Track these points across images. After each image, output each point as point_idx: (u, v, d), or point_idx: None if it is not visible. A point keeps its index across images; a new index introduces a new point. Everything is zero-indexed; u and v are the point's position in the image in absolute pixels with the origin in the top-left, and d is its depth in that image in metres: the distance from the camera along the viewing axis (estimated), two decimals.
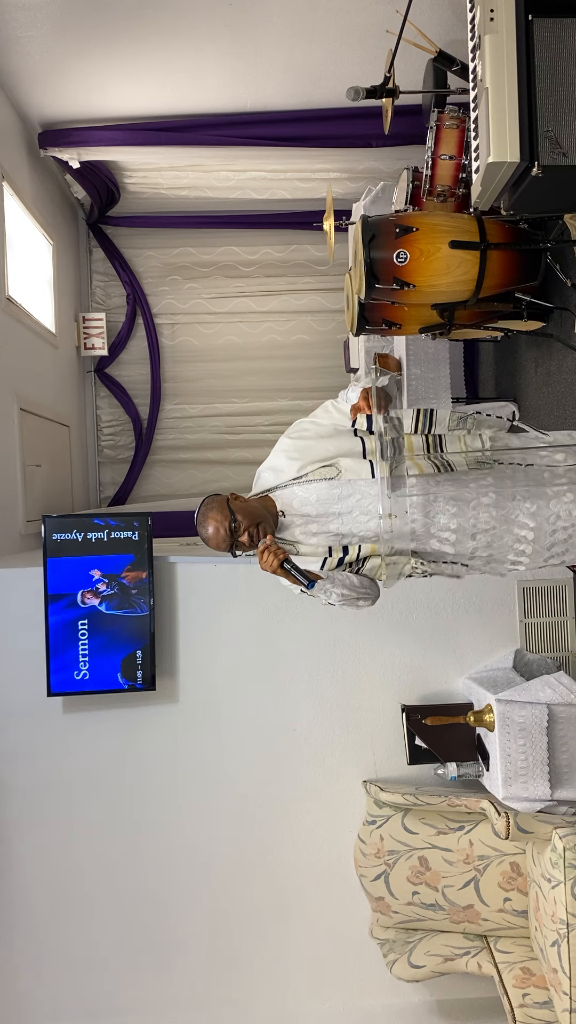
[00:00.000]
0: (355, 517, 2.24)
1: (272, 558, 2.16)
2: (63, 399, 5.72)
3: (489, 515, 2.26)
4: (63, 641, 3.50)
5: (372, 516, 2.24)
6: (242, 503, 2.23)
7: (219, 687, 3.66)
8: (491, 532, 2.28)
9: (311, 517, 2.25)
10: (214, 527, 2.19)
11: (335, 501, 2.24)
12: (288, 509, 2.27)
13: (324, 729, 3.68)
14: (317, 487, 2.24)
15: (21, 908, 3.66)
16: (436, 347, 4.68)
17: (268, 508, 2.27)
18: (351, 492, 2.24)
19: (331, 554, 2.28)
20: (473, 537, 2.28)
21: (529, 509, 2.27)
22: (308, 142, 5.09)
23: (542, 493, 2.28)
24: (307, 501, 2.25)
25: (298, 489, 2.25)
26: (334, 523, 2.25)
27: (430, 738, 3.43)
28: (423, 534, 2.27)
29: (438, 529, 2.26)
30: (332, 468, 2.24)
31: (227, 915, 3.69)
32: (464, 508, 2.26)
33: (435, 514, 2.25)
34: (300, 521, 2.26)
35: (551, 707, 3.07)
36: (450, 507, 2.25)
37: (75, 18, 4.12)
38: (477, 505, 2.26)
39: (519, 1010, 2.92)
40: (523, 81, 2.60)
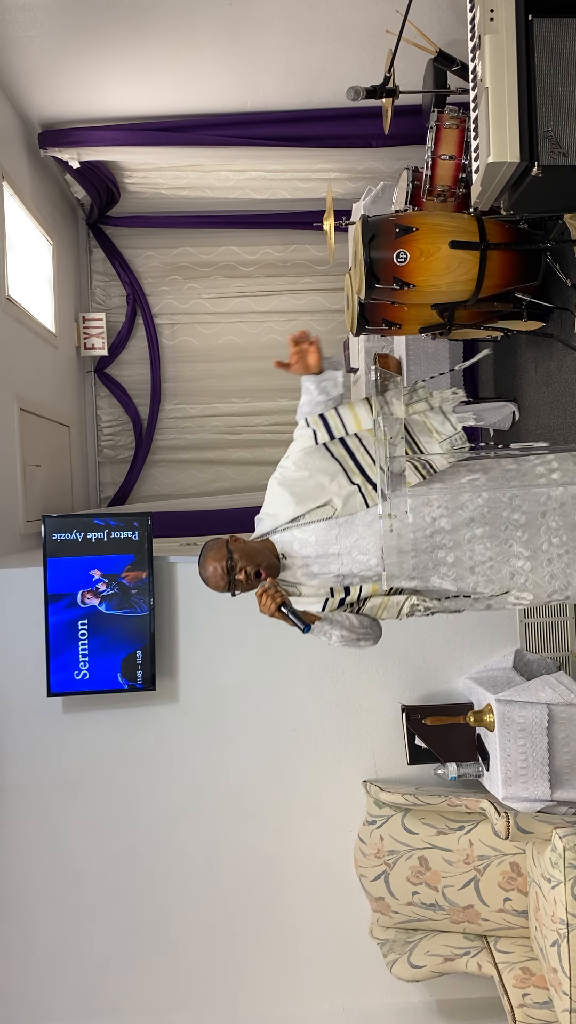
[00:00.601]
0: (354, 557, 2.26)
1: (270, 601, 2.19)
2: (63, 399, 5.72)
3: (484, 547, 2.27)
4: (63, 641, 3.50)
5: (371, 555, 2.25)
6: (241, 544, 2.27)
7: (219, 687, 3.66)
8: (488, 565, 2.28)
9: (311, 558, 2.28)
10: (212, 567, 2.24)
11: (333, 541, 2.26)
12: (288, 552, 2.30)
13: (324, 729, 3.68)
14: (315, 528, 2.27)
15: (20, 908, 3.66)
16: (436, 347, 4.68)
17: (268, 547, 2.30)
18: (349, 532, 2.26)
19: (332, 595, 2.30)
20: (472, 571, 2.29)
21: (522, 538, 2.27)
22: (308, 142, 5.08)
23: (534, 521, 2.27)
24: (306, 543, 2.27)
25: (297, 532, 2.28)
26: (334, 564, 2.27)
27: (430, 738, 3.43)
28: (423, 569, 2.28)
29: (437, 564, 2.27)
30: (328, 508, 2.26)
31: (226, 915, 3.69)
32: (460, 542, 2.27)
33: (434, 548, 2.26)
34: (300, 563, 2.29)
35: (551, 707, 3.07)
36: (446, 541, 2.26)
37: (75, 18, 4.12)
38: (472, 538, 2.27)
39: (519, 1010, 2.92)
40: (523, 81, 2.60)
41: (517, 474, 2.33)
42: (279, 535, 2.31)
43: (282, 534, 2.30)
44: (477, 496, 2.27)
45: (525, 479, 2.32)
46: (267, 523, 2.34)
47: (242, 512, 5.39)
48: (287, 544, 2.30)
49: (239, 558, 2.22)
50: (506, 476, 2.33)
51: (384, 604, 2.32)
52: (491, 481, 2.31)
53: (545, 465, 2.36)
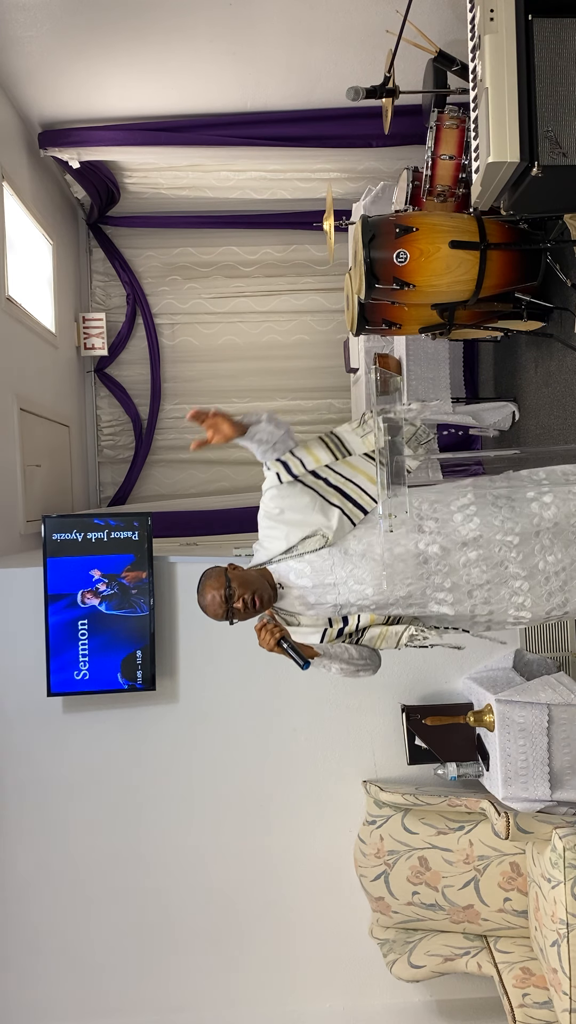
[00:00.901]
0: (350, 587, 2.27)
1: (268, 636, 2.21)
2: (63, 399, 5.72)
3: (480, 570, 2.27)
4: (63, 641, 3.50)
5: (367, 584, 2.26)
6: (239, 573, 2.25)
7: (219, 687, 3.66)
8: (486, 587, 2.29)
9: (307, 589, 2.28)
10: (210, 595, 2.23)
11: (328, 571, 2.27)
12: (285, 582, 2.30)
13: (324, 729, 3.68)
14: (310, 558, 2.27)
15: (20, 908, 3.66)
16: (436, 347, 4.69)
17: (265, 576, 2.30)
18: (344, 562, 2.26)
19: (331, 625, 2.32)
20: (470, 595, 2.29)
21: (517, 558, 2.27)
22: (308, 142, 5.08)
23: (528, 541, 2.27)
24: (302, 573, 2.28)
25: (292, 563, 2.29)
26: (330, 594, 2.28)
27: (430, 738, 3.43)
28: (420, 596, 2.28)
29: (434, 590, 2.27)
30: (319, 538, 2.26)
31: (226, 915, 3.69)
32: (455, 567, 2.27)
33: (429, 575, 2.27)
34: (297, 593, 2.29)
35: (551, 707, 3.07)
36: (442, 567, 2.27)
37: (75, 18, 4.12)
38: (467, 562, 2.27)
39: (519, 1010, 2.92)
40: (523, 81, 2.60)
41: (507, 501, 2.32)
42: (275, 565, 2.31)
43: (278, 564, 2.30)
44: (469, 521, 2.28)
45: (516, 505, 2.31)
46: (262, 554, 2.34)
47: (242, 512, 5.39)
48: (283, 574, 2.30)
49: (237, 587, 2.21)
50: (497, 503, 2.32)
51: (383, 634, 2.34)
52: (481, 506, 2.31)
53: (536, 488, 2.34)
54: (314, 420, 6.47)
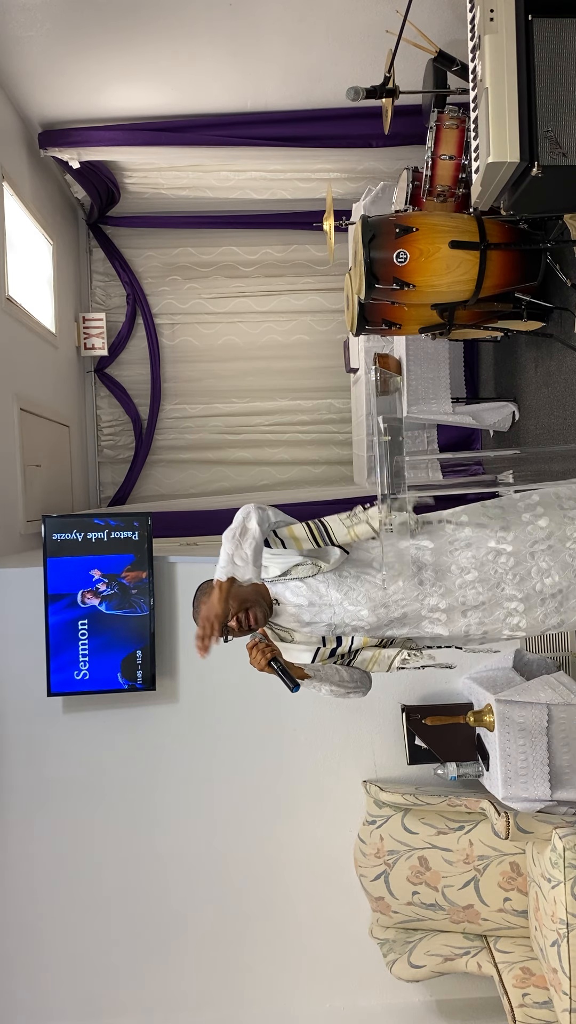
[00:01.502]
0: (345, 607, 2.27)
1: (260, 656, 2.20)
2: (63, 399, 5.72)
3: (476, 591, 2.27)
4: (63, 641, 3.50)
5: (362, 605, 2.26)
6: (236, 589, 2.20)
7: (219, 687, 3.66)
8: (481, 608, 2.29)
9: (303, 607, 2.28)
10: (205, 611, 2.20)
11: (324, 592, 2.27)
12: (281, 599, 2.30)
13: (324, 729, 3.68)
14: (302, 581, 2.27)
15: (21, 908, 3.66)
16: (436, 347, 4.68)
17: (261, 590, 2.28)
18: (339, 584, 2.27)
19: (324, 644, 2.32)
20: (464, 615, 2.29)
21: (513, 580, 2.28)
22: (308, 142, 5.08)
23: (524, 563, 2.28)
24: (298, 592, 2.28)
25: (290, 582, 2.29)
26: (325, 613, 2.28)
27: (430, 738, 3.43)
28: (415, 617, 2.29)
29: (428, 610, 2.28)
30: (311, 566, 2.25)
31: (227, 915, 3.69)
32: (451, 588, 2.27)
33: (424, 596, 2.27)
34: (292, 610, 2.29)
35: (551, 707, 3.07)
36: (437, 588, 2.27)
37: (75, 18, 4.11)
38: (463, 584, 2.27)
39: (519, 1010, 2.92)
40: (523, 81, 2.60)
41: (501, 519, 2.32)
42: (270, 584, 2.30)
43: (273, 585, 2.30)
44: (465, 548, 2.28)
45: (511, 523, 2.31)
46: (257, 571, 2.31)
47: None
48: (279, 592, 2.30)
49: (233, 604, 2.19)
50: (492, 524, 2.32)
51: (375, 657, 2.34)
52: (477, 528, 2.32)
53: (531, 512, 2.35)
54: (314, 420, 6.48)
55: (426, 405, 4.68)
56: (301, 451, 6.51)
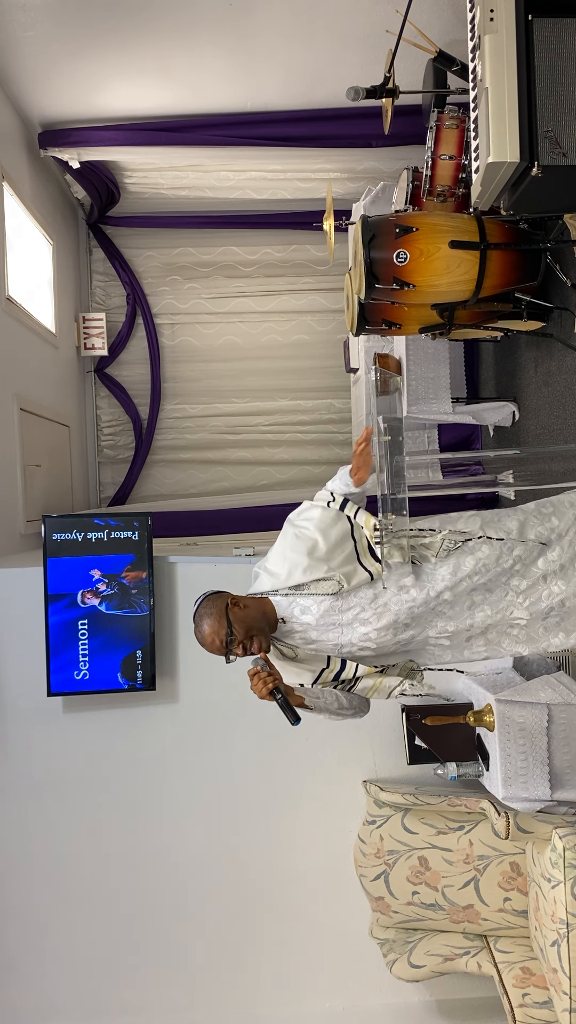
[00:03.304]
0: (355, 628, 2.24)
1: (262, 685, 2.14)
2: (63, 399, 5.72)
3: (485, 614, 2.28)
4: (63, 641, 3.50)
5: (371, 626, 2.23)
6: (240, 612, 2.18)
7: (219, 687, 3.66)
8: (488, 634, 2.30)
9: (311, 626, 2.24)
10: (210, 635, 2.17)
11: (335, 612, 2.23)
12: (288, 616, 2.24)
13: (324, 729, 3.66)
14: (319, 599, 2.22)
15: (21, 908, 3.66)
16: (436, 347, 4.68)
17: (267, 612, 2.23)
18: (352, 604, 2.23)
19: (328, 664, 2.27)
20: (469, 641, 2.31)
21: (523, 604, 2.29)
22: (308, 142, 5.08)
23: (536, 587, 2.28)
24: (307, 610, 2.23)
25: (299, 599, 2.23)
26: (333, 633, 2.24)
27: (430, 738, 3.43)
28: (422, 642, 2.29)
29: (437, 633, 2.28)
30: (333, 583, 2.20)
31: (226, 915, 3.69)
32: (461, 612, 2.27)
33: (433, 617, 2.27)
34: (300, 629, 2.25)
35: (551, 707, 3.07)
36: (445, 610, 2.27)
37: (75, 18, 4.11)
38: (472, 605, 2.27)
39: (519, 1010, 2.92)
40: (523, 81, 2.60)
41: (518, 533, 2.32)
42: (280, 598, 2.24)
43: (283, 598, 2.24)
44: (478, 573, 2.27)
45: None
46: (267, 582, 2.26)
47: (242, 512, 5.39)
48: (287, 608, 2.24)
49: (238, 631, 2.15)
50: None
51: (376, 686, 2.32)
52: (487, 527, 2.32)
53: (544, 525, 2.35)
54: (314, 420, 6.48)
55: (426, 405, 4.68)
56: (301, 451, 6.51)
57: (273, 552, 2.30)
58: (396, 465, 2.23)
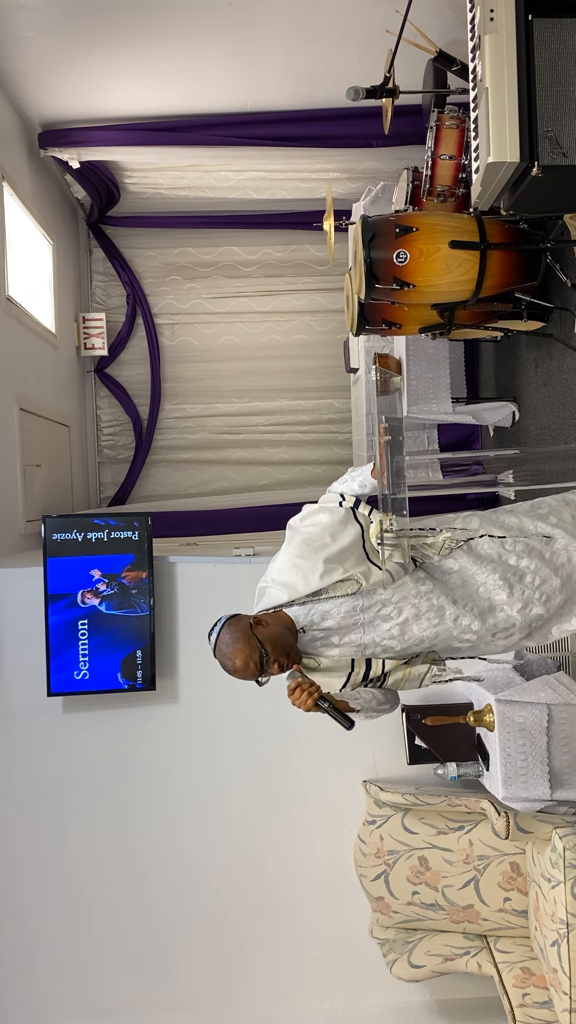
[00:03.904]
0: (377, 626, 2.20)
1: (307, 697, 2.05)
2: (63, 399, 5.72)
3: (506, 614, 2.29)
4: (63, 641, 3.50)
5: (393, 622, 2.20)
6: (266, 631, 2.10)
7: (219, 687, 3.66)
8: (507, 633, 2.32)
9: (332, 630, 2.19)
10: (243, 661, 2.07)
11: (357, 612, 2.18)
12: (308, 625, 2.17)
13: (324, 729, 3.67)
14: (339, 602, 2.17)
15: (20, 908, 3.66)
16: (436, 347, 4.68)
17: (287, 624, 2.16)
18: (373, 602, 2.19)
19: (354, 667, 2.22)
20: (493, 636, 2.30)
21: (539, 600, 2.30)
22: (308, 142, 5.08)
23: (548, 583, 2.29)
24: (328, 615, 2.16)
25: (318, 605, 2.17)
26: (355, 633, 2.19)
27: (430, 738, 3.43)
28: (446, 637, 2.27)
29: (461, 631, 2.26)
30: (352, 583, 2.17)
31: (226, 915, 3.69)
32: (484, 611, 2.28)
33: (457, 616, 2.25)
34: (321, 635, 2.19)
35: (551, 707, 3.07)
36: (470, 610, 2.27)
37: (75, 18, 4.11)
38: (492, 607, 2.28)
39: (519, 1010, 2.92)
40: (523, 81, 2.60)
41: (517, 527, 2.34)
42: (297, 608, 2.17)
43: (301, 608, 2.17)
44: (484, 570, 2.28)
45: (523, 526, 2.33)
46: (281, 595, 2.18)
47: (242, 512, 5.39)
48: (305, 617, 2.17)
49: (271, 650, 2.07)
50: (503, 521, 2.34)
51: (406, 676, 2.28)
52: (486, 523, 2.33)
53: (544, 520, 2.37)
54: (314, 420, 6.48)
55: (426, 405, 4.69)
56: (301, 451, 6.51)
57: (279, 563, 2.24)
58: (396, 465, 2.23)
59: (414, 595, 2.21)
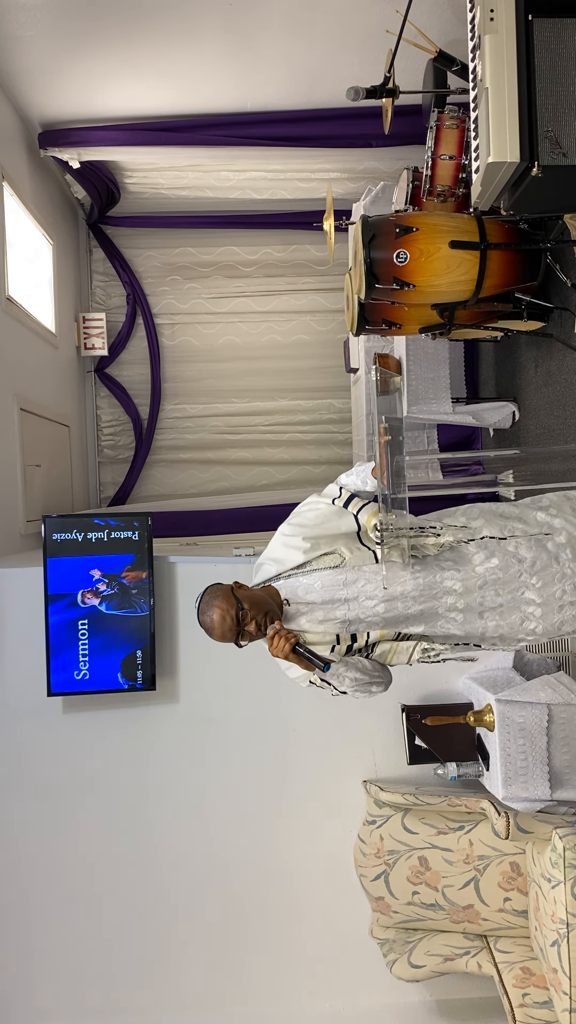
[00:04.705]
0: (361, 603, 2.22)
1: (284, 643, 2.11)
2: (63, 399, 5.72)
3: (495, 592, 2.26)
4: (63, 641, 3.50)
5: (378, 600, 2.22)
6: (247, 592, 2.19)
7: (219, 687, 3.66)
8: (499, 611, 2.28)
9: (316, 605, 2.22)
10: (220, 615, 2.14)
11: (340, 587, 2.21)
12: (293, 598, 2.22)
13: (324, 729, 3.67)
14: (322, 575, 2.21)
15: (19, 908, 3.66)
16: (436, 347, 4.68)
17: (271, 594, 2.23)
18: (356, 578, 2.22)
19: (339, 642, 2.25)
20: (481, 616, 2.28)
21: (536, 584, 2.27)
22: (308, 142, 5.08)
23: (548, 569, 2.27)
24: (312, 589, 2.21)
25: (302, 578, 2.22)
26: (340, 609, 2.23)
27: (430, 738, 3.43)
28: (431, 616, 2.26)
29: (446, 609, 2.26)
30: (335, 556, 2.22)
31: (226, 914, 3.69)
32: (471, 588, 2.26)
33: (442, 594, 2.25)
34: (306, 609, 2.23)
35: (551, 707, 3.07)
36: (456, 585, 2.26)
37: (75, 18, 4.11)
38: (483, 584, 2.26)
39: (519, 1010, 2.92)
40: (523, 81, 2.60)
41: (518, 519, 2.33)
42: (284, 581, 2.25)
43: (287, 580, 2.24)
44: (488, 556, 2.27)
45: (526, 524, 2.33)
46: (271, 568, 2.27)
47: (242, 512, 5.39)
48: (291, 590, 2.23)
49: (249, 607, 2.14)
50: (506, 523, 2.33)
51: (393, 650, 2.30)
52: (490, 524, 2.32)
53: (544, 512, 2.35)
54: (314, 420, 6.48)
55: (426, 405, 4.69)
56: (301, 451, 6.51)
57: (274, 542, 2.32)
58: (396, 465, 2.23)
59: (401, 573, 2.23)
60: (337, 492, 2.35)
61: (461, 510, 2.39)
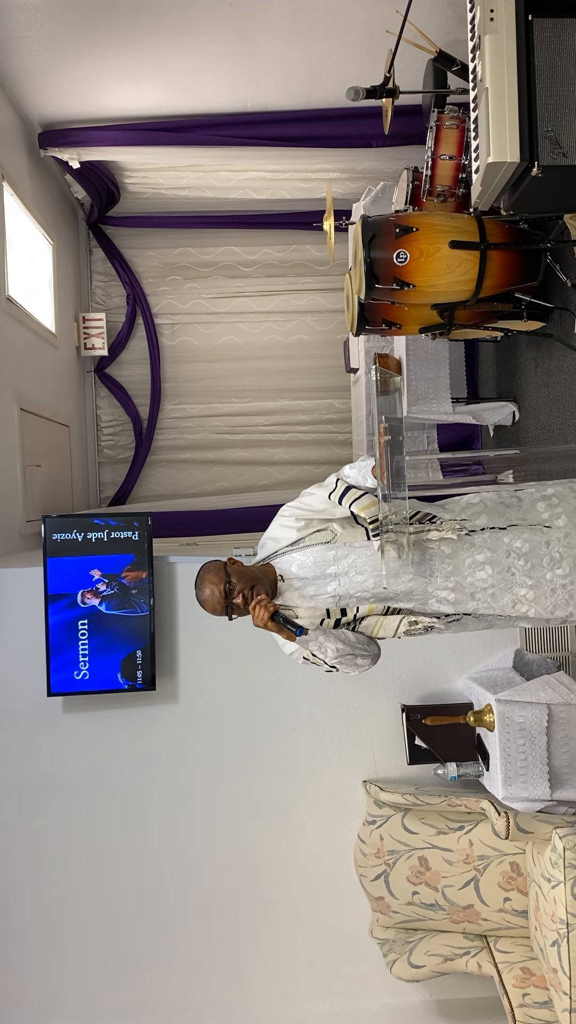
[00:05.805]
0: (351, 577, 2.29)
1: (262, 611, 2.21)
2: (63, 399, 5.72)
3: (486, 573, 2.28)
4: (63, 641, 3.50)
5: (368, 575, 2.28)
6: (239, 567, 2.28)
7: (219, 687, 3.66)
8: (490, 591, 2.29)
9: (308, 580, 2.30)
10: (210, 589, 2.25)
11: (331, 563, 2.29)
12: (286, 574, 2.32)
13: (324, 729, 3.67)
14: (313, 551, 2.30)
15: (20, 908, 3.66)
16: (436, 347, 4.68)
17: (267, 575, 2.32)
18: (346, 553, 2.29)
19: (328, 616, 2.33)
20: (472, 596, 2.30)
21: (526, 568, 2.28)
22: (308, 142, 5.08)
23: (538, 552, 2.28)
24: (304, 564, 2.30)
25: (296, 554, 2.31)
26: (331, 584, 2.30)
27: (430, 738, 3.43)
28: (421, 593, 2.30)
29: (436, 588, 2.29)
30: (327, 532, 2.31)
31: (226, 914, 3.69)
32: (460, 567, 2.28)
33: (432, 573, 2.28)
34: (298, 584, 2.31)
35: (551, 707, 3.07)
36: (446, 566, 2.28)
37: (75, 18, 4.12)
38: (473, 564, 2.28)
39: (519, 1010, 2.92)
40: (523, 81, 2.60)
41: (518, 507, 2.35)
42: (279, 558, 2.34)
43: (282, 557, 2.33)
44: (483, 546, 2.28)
45: (526, 513, 2.33)
46: (269, 546, 2.37)
47: (242, 512, 5.38)
48: (286, 567, 2.32)
49: (237, 581, 2.24)
50: (507, 512, 2.34)
51: (380, 623, 2.35)
52: (492, 513, 2.34)
53: (545, 501, 2.36)
54: (314, 420, 6.48)
55: (426, 405, 4.69)
56: (301, 451, 6.51)
57: (272, 523, 2.41)
58: (396, 465, 2.23)
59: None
60: (334, 484, 2.38)
61: (464, 500, 2.42)
